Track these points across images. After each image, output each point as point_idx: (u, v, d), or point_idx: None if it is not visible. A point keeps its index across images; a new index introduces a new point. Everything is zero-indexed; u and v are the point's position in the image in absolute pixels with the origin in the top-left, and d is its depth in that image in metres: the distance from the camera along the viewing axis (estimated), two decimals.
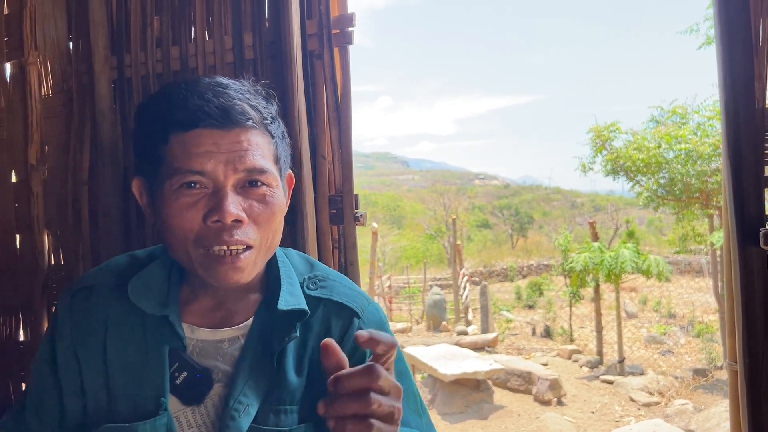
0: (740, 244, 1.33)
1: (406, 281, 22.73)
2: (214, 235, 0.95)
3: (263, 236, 1.00)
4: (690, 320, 14.31)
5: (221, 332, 1.07)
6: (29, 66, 2.18)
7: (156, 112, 0.99)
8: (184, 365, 1.04)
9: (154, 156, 0.99)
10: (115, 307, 1.07)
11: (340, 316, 1.10)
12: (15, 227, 2.23)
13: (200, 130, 0.95)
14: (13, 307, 2.25)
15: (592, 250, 10.46)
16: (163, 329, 1.05)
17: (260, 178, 0.98)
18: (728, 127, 1.36)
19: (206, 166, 0.94)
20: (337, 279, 1.17)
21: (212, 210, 0.95)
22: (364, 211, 1.85)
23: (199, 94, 0.96)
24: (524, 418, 7.50)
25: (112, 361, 1.05)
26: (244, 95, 1.00)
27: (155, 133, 0.98)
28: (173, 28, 1.98)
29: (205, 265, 0.97)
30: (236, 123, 0.97)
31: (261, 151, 0.99)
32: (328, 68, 1.82)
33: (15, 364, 2.25)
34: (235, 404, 1.01)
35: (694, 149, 10.10)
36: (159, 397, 1.02)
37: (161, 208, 0.98)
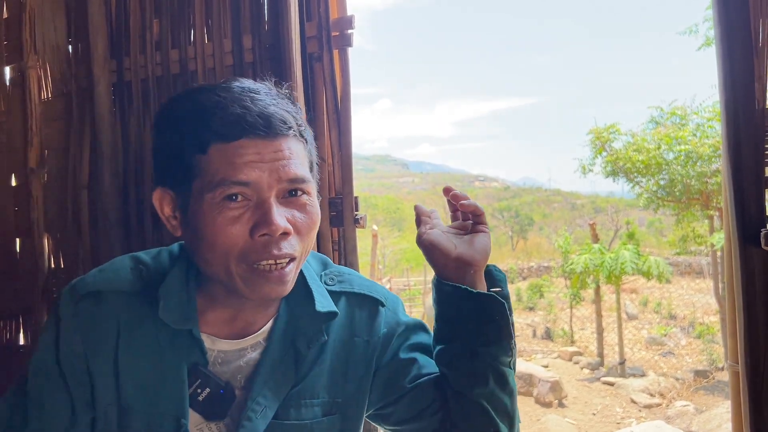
0: (741, 244, 1.33)
1: (407, 284, 22.70)
2: (262, 249, 0.91)
3: (304, 246, 0.97)
4: (691, 321, 14.29)
5: (244, 341, 1.04)
6: (29, 70, 2.18)
7: (191, 121, 0.94)
8: (207, 381, 1.01)
9: (187, 167, 0.94)
10: (126, 314, 1.01)
11: (364, 306, 1.11)
12: (15, 231, 2.23)
13: (243, 140, 0.91)
14: (14, 311, 2.25)
15: (592, 251, 10.45)
16: (181, 342, 1.00)
17: (302, 187, 0.95)
18: (728, 127, 1.36)
19: (251, 176, 0.90)
20: (352, 273, 1.18)
21: (259, 223, 0.91)
22: (364, 214, 1.85)
23: (237, 102, 0.92)
24: (525, 420, 7.49)
25: (125, 374, 0.99)
26: (277, 101, 0.96)
27: (191, 143, 0.93)
28: (172, 31, 1.98)
29: (250, 280, 0.93)
30: (278, 132, 0.93)
31: (300, 159, 0.96)
32: (328, 71, 1.82)
33: (15, 368, 2.25)
34: (253, 405, 1.00)
35: (693, 150, 10.10)
36: (179, 417, 0.98)
37: (198, 221, 0.92)
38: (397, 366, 1.10)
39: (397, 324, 1.13)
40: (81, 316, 1.00)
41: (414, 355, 1.11)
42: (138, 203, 2.01)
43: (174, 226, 1.00)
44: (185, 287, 1.02)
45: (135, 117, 2.01)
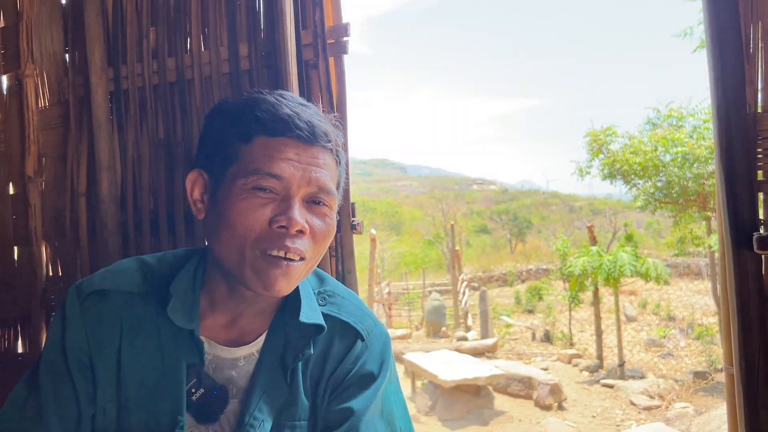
0: (734, 248, 1.34)
1: (405, 287, 22.71)
2: (276, 239, 0.96)
3: (314, 252, 1.02)
4: (690, 323, 14.29)
5: (238, 350, 1.07)
6: (26, 78, 2.19)
7: (243, 113, 1.02)
8: (201, 382, 1.03)
9: (229, 152, 1.01)
10: (129, 313, 1.05)
11: (344, 336, 1.11)
12: (13, 239, 2.24)
13: (287, 139, 0.99)
14: (12, 319, 2.25)
15: (590, 254, 10.46)
16: (181, 342, 1.03)
17: (326, 198, 1.02)
18: (720, 131, 1.37)
19: (285, 172, 0.97)
20: (346, 297, 1.17)
21: (280, 215, 0.96)
22: (361, 220, 1.85)
23: (289, 107, 1.01)
24: (525, 423, 7.49)
25: (126, 371, 1.02)
26: (323, 119, 1.05)
27: (239, 131, 1.01)
28: (169, 39, 1.99)
29: (258, 267, 0.97)
30: (319, 141, 1.01)
31: (331, 173, 1.04)
32: (324, 78, 1.83)
33: (15, 376, 2.25)
34: (250, 420, 1.01)
35: (690, 152, 10.13)
36: (175, 414, 1.00)
37: (225, 203, 0.99)
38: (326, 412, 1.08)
39: (359, 368, 1.09)
40: (86, 313, 1.04)
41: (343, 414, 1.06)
42: (136, 211, 2.01)
43: (199, 208, 1.07)
44: (192, 288, 1.07)
45: (132, 125, 2.02)
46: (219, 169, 1.02)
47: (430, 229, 38.29)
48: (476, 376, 7.72)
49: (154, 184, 1.99)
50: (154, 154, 1.99)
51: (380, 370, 1.10)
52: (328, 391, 1.07)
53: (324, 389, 1.07)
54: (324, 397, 1.07)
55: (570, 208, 60.19)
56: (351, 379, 1.07)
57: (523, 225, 46.39)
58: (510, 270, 26.66)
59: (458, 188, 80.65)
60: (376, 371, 1.09)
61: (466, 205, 52.72)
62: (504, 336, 13.94)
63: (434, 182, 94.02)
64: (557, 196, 68.76)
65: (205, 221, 1.05)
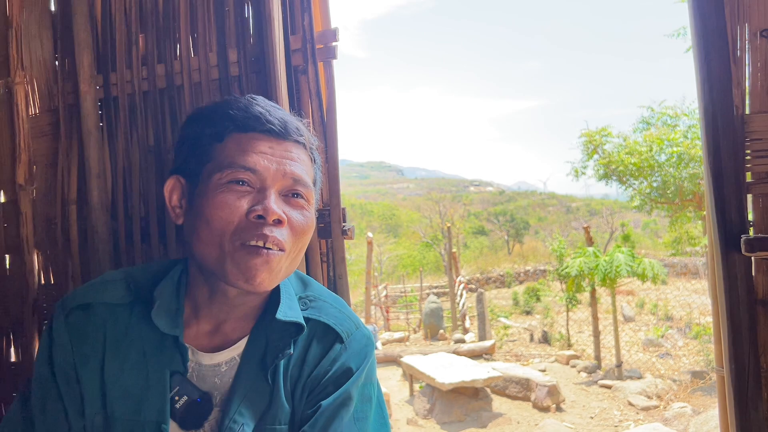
0: (723, 250, 1.34)
1: (403, 290, 22.70)
2: (254, 229, 0.97)
3: (294, 244, 1.03)
4: (687, 322, 14.31)
5: (219, 355, 1.07)
6: (16, 86, 2.18)
7: (215, 114, 1.05)
8: (184, 389, 1.04)
9: (204, 153, 1.03)
10: (113, 325, 1.06)
11: (324, 338, 1.10)
12: (4, 247, 2.23)
13: (259, 134, 1.02)
14: (4, 328, 2.24)
15: (586, 254, 10.47)
16: (165, 350, 1.04)
17: (302, 190, 1.04)
18: (708, 134, 1.37)
19: (259, 165, 0.99)
20: (328, 300, 1.17)
21: (256, 205, 0.98)
22: (352, 225, 1.85)
23: (261, 105, 1.04)
24: (523, 425, 7.48)
25: (110, 382, 1.03)
26: (296, 119, 1.09)
27: (211, 132, 1.03)
28: (158, 45, 1.99)
29: (238, 258, 0.97)
30: (291, 136, 1.04)
31: (306, 167, 1.06)
32: (313, 83, 1.83)
33: (7, 385, 2.24)
34: (230, 423, 1.01)
35: (685, 152, 10.15)
36: (160, 422, 1.01)
37: (201, 201, 1.00)
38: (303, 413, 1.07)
39: (336, 369, 1.08)
40: (71, 327, 1.06)
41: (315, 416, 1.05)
42: (127, 218, 2.01)
43: (177, 214, 1.08)
44: (176, 295, 1.08)
45: (122, 132, 2.02)
46: (195, 170, 1.04)
47: (428, 231, 38.31)
48: (474, 378, 7.71)
49: (145, 192, 1.99)
50: (144, 161, 1.99)
51: (357, 370, 1.09)
52: (306, 393, 1.07)
53: (302, 392, 1.07)
54: (302, 399, 1.07)
55: (567, 208, 60.30)
56: (328, 380, 1.07)
57: (521, 226, 46.44)
58: (507, 271, 26.69)
59: (455, 190, 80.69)
60: (353, 370, 1.08)
61: (463, 206, 52.73)
62: (502, 338, 13.94)
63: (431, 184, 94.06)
64: (554, 197, 68.88)
65: (185, 224, 1.07)
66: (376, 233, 31.49)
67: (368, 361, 1.12)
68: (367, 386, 1.11)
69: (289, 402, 1.06)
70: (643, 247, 27.59)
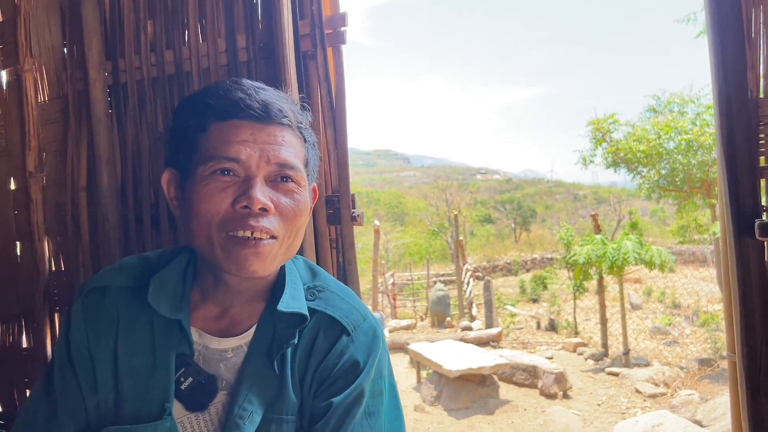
0: (736, 235, 1.33)
1: (410, 278, 22.72)
2: (240, 220, 0.97)
3: (287, 230, 1.02)
4: (695, 310, 14.26)
5: (226, 341, 1.07)
6: (25, 73, 2.19)
7: (197, 103, 1.04)
8: (190, 371, 1.05)
9: (189, 145, 1.03)
10: (126, 307, 1.08)
11: (330, 330, 1.09)
12: (15, 235, 2.24)
13: (239, 120, 1.00)
14: (15, 314, 2.26)
15: (594, 242, 10.43)
16: (172, 333, 1.06)
17: (290, 174, 1.02)
18: (722, 118, 1.36)
19: (241, 154, 0.98)
20: (336, 291, 1.16)
21: (241, 196, 0.97)
22: (361, 211, 1.85)
23: (242, 90, 1.01)
24: (530, 412, 7.50)
25: (122, 362, 1.05)
26: (282, 98, 1.05)
27: (195, 122, 1.02)
28: (167, 32, 1.98)
29: (227, 248, 0.98)
30: (274, 119, 1.01)
31: (294, 150, 1.04)
32: (322, 68, 1.82)
33: (19, 371, 2.26)
34: (240, 411, 1.02)
35: (694, 139, 10.07)
36: (163, 401, 1.02)
37: (190, 193, 1.00)
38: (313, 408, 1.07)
39: (344, 363, 1.07)
40: (87, 309, 1.09)
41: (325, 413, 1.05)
42: (136, 204, 2.01)
43: (175, 206, 1.09)
44: (182, 281, 1.10)
45: (131, 118, 2.02)
46: (184, 163, 1.04)
47: (434, 219, 38.26)
48: (481, 365, 7.72)
49: (154, 178, 1.99)
50: (153, 147, 1.99)
51: (365, 364, 1.08)
52: (314, 386, 1.07)
53: (310, 384, 1.07)
54: (310, 392, 1.07)
55: (574, 196, 60.06)
56: (336, 373, 1.06)
57: (527, 214, 46.33)
58: (514, 259, 26.67)
59: (462, 178, 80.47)
60: (361, 365, 1.07)
61: (470, 194, 52.55)
62: (509, 325, 13.95)
63: (438, 172, 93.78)
64: (561, 185, 68.61)
65: (180, 217, 1.07)
66: (383, 221, 31.51)
67: (376, 353, 1.11)
68: (377, 380, 1.10)
69: (296, 393, 1.07)
70: (651, 235, 27.45)
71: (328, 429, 1.03)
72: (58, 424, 1.06)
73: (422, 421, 7.26)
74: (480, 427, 7.03)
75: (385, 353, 1.15)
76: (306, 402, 1.07)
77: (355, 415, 1.05)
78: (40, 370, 2.15)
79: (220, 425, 1.04)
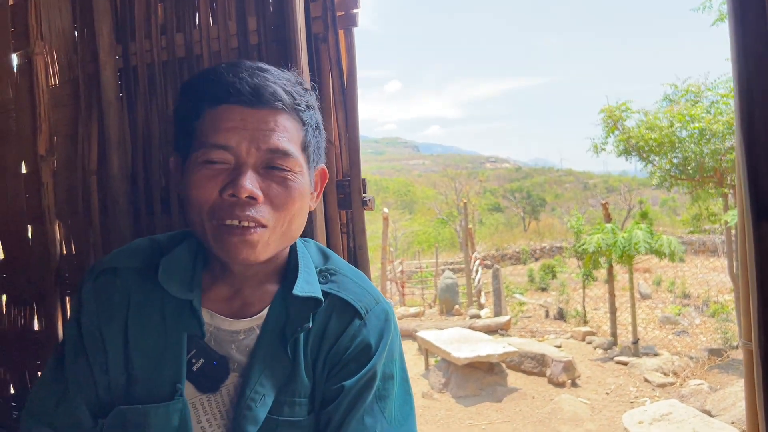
0: (754, 221, 1.30)
1: (418, 266, 22.74)
2: (228, 208, 0.96)
3: (278, 218, 1.00)
4: (705, 300, 14.20)
5: (237, 323, 1.07)
6: (36, 56, 2.18)
7: (194, 88, 1.03)
8: (201, 352, 1.05)
9: (187, 130, 1.02)
10: (137, 289, 1.08)
11: (343, 313, 1.09)
12: (26, 218, 2.25)
13: (230, 106, 0.97)
14: (27, 297, 2.27)
15: (605, 231, 10.38)
16: (183, 314, 1.05)
17: (282, 161, 0.99)
18: (741, 102, 1.33)
19: (231, 141, 0.96)
20: (348, 274, 1.15)
21: (229, 184, 0.96)
22: (372, 196, 1.84)
23: (234, 73, 0.98)
24: (538, 400, 7.51)
25: (133, 343, 1.05)
26: (281, 80, 1.01)
27: (191, 107, 1.01)
28: (177, 15, 1.97)
29: (217, 237, 0.97)
30: (266, 103, 0.98)
31: (288, 134, 1.00)
32: (333, 51, 1.80)
33: (31, 353, 2.28)
34: (252, 393, 1.02)
35: (707, 128, 9.95)
36: (175, 382, 1.02)
37: (185, 180, 1.00)
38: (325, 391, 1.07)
39: (356, 346, 1.07)
40: (97, 290, 1.09)
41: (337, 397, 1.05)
42: (147, 187, 2.01)
43: (181, 190, 1.07)
44: (192, 262, 1.10)
45: (142, 102, 2.01)
46: (184, 149, 1.03)
47: (443, 207, 38.22)
48: (489, 353, 7.72)
49: (165, 161, 1.98)
50: (163, 130, 1.98)
51: (377, 348, 1.07)
52: (326, 369, 1.07)
53: (322, 367, 1.07)
54: (322, 374, 1.07)
55: (584, 185, 59.82)
56: (348, 356, 1.06)
57: (537, 203, 46.20)
58: (523, 248, 26.62)
59: (471, 166, 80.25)
60: (373, 348, 1.07)
61: (479, 183, 52.38)
62: (517, 314, 13.94)
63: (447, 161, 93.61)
64: (571, 174, 68.33)
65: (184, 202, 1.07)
66: (392, 209, 31.48)
67: (388, 336, 1.10)
68: (388, 364, 1.10)
69: (309, 376, 1.06)
70: (661, 225, 27.30)
71: (340, 412, 1.03)
72: (69, 404, 1.06)
73: (430, 408, 7.28)
74: (488, 414, 7.05)
75: (396, 337, 1.15)
76: (318, 384, 1.07)
77: (366, 398, 1.04)
78: (52, 353, 2.16)
79: (231, 407, 1.04)
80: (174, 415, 1.01)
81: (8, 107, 2.26)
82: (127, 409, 1.02)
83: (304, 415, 1.05)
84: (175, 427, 1.01)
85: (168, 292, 1.05)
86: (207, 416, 1.05)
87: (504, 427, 6.68)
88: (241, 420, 1.01)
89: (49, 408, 1.08)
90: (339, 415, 1.03)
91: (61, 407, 1.07)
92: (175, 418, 1.01)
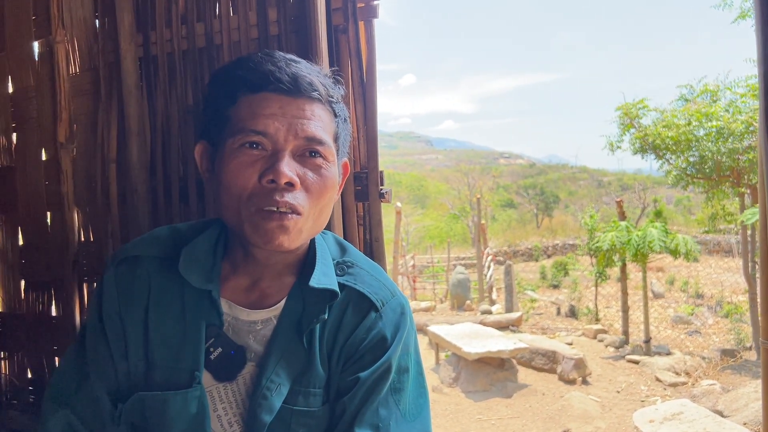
0: None
1: (430, 260, 22.72)
2: (266, 194, 0.96)
3: (312, 205, 1.01)
4: (718, 300, 14.06)
5: (255, 313, 1.08)
6: (57, 45, 2.20)
7: (229, 75, 1.03)
8: (219, 341, 1.06)
9: (221, 117, 1.02)
10: (158, 277, 1.09)
11: (359, 306, 1.10)
12: (46, 205, 2.27)
13: (269, 93, 0.99)
14: (45, 283, 2.30)
15: (618, 229, 10.30)
16: (203, 303, 1.06)
17: (318, 148, 1.00)
18: (766, 99, 1.32)
19: (269, 128, 0.97)
20: (365, 267, 1.16)
21: (268, 170, 0.97)
22: (389, 188, 1.84)
23: (272, 62, 1.00)
24: (549, 396, 7.49)
25: (152, 331, 1.06)
26: (314, 71, 1.04)
27: (225, 94, 1.02)
28: (198, 4, 1.98)
29: (254, 222, 0.98)
30: (303, 92, 1.00)
31: (323, 123, 1.02)
32: (353, 43, 1.80)
33: (48, 339, 2.30)
34: (268, 383, 1.03)
35: (725, 126, 9.83)
36: (193, 370, 1.04)
37: (220, 167, 1.00)
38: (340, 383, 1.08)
39: (371, 338, 1.08)
40: (119, 278, 1.10)
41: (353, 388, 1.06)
42: (165, 176, 2.02)
43: (207, 178, 1.09)
44: (212, 252, 1.10)
45: (161, 91, 2.02)
46: (215, 135, 1.04)
47: (456, 202, 38.16)
48: (500, 349, 7.70)
49: (183, 151, 2.00)
50: (183, 120, 2.00)
51: (393, 341, 1.08)
52: (342, 360, 1.08)
53: (337, 359, 1.08)
54: (337, 366, 1.08)
55: (598, 183, 59.42)
56: (364, 349, 1.07)
57: (550, 200, 45.95)
58: (536, 245, 26.50)
59: (485, 162, 79.96)
60: (388, 341, 1.08)
61: (493, 179, 52.17)
62: (528, 310, 13.90)
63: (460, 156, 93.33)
64: (585, 171, 67.90)
65: (211, 189, 1.08)
66: (404, 204, 31.47)
67: (404, 330, 1.11)
68: (403, 357, 1.11)
69: (324, 367, 1.07)
70: (675, 224, 27.05)
71: (355, 403, 1.04)
72: (89, 389, 1.08)
73: (440, 403, 7.29)
74: (498, 409, 7.04)
75: (412, 331, 1.15)
76: (333, 376, 1.08)
77: (381, 390, 1.05)
78: (69, 339, 2.19)
79: (247, 396, 1.05)
80: (192, 403, 1.03)
81: (29, 95, 2.28)
82: (146, 396, 1.04)
83: (318, 406, 1.06)
84: (193, 414, 1.03)
85: (188, 282, 1.06)
86: (223, 404, 1.06)
87: (514, 422, 6.67)
88: (257, 409, 1.02)
89: (70, 392, 1.10)
90: (354, 405, 1.04)
91: (82, 392, 1.09)
92: (193, 405, 1.03)
